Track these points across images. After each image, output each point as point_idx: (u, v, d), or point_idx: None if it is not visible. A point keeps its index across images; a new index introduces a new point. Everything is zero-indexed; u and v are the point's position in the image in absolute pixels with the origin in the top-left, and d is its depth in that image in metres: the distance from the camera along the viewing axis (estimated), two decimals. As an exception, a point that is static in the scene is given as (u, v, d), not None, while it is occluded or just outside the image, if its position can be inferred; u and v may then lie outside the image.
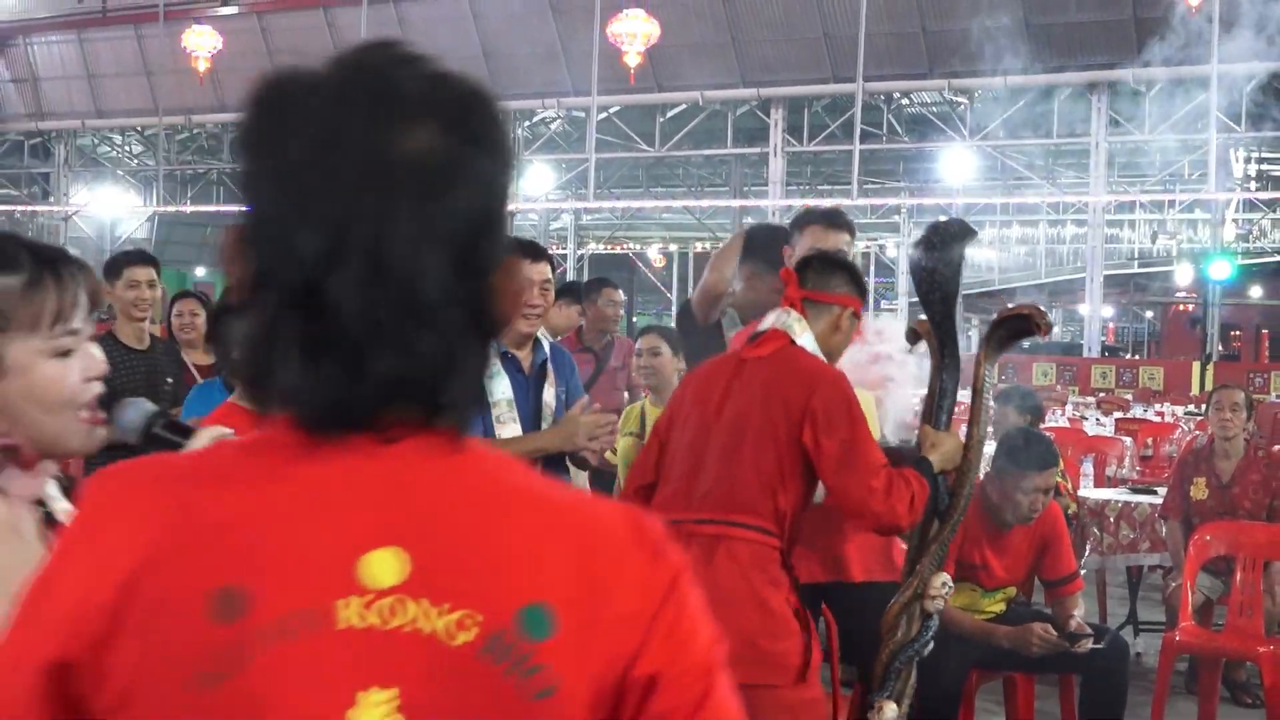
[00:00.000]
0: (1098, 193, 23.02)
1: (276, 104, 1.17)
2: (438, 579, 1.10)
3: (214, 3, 27.77)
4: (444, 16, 25.88)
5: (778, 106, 24.33)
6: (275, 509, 1.11)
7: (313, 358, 1.10)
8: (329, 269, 1.09)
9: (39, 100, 31.45)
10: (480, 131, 1.15)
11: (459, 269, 1.13)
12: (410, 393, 1.12)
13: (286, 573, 1.09)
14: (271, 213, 1.13)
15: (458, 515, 1.14)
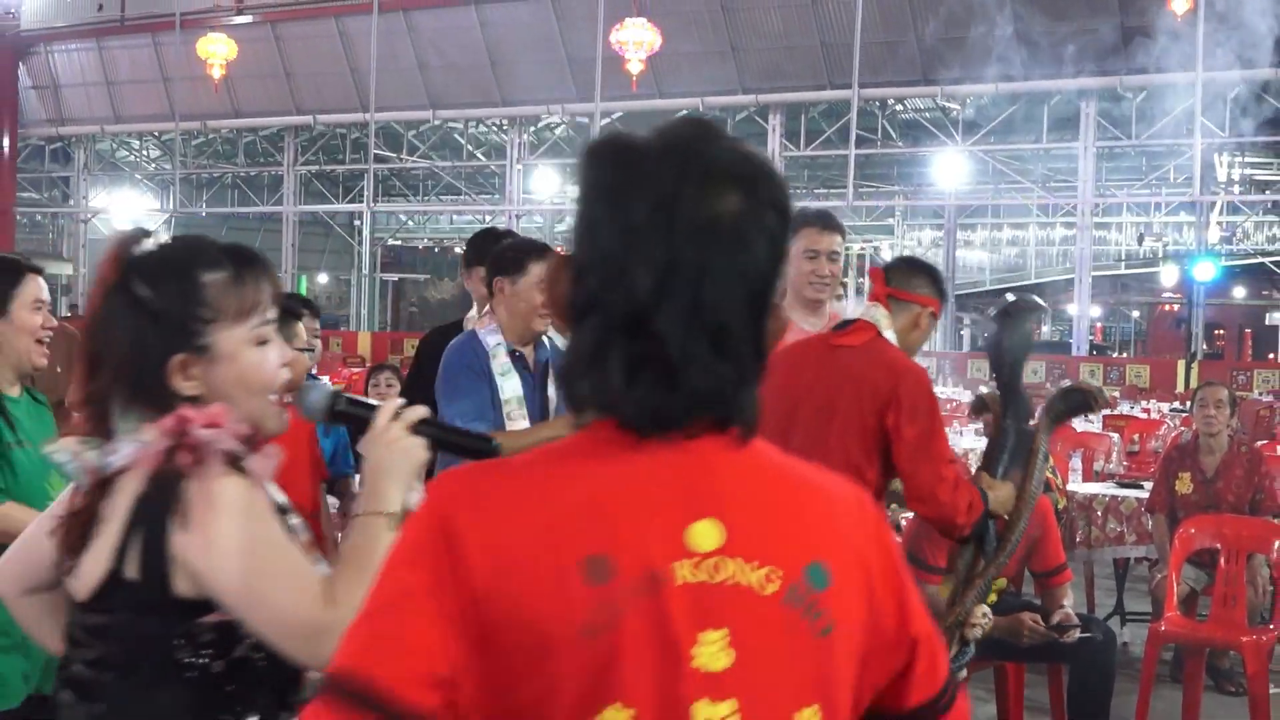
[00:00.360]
0: (1086, 196, 23.01)
1: (621, 166, 1.42)
2: (747, 543, 1.39)
3: (228, 12, 27.76)
4: (452, 26, 25.87)
5: (776, 112, 24.33)
6: (617, 492, 1.39)
7: (635, 373, 1.37)
8: (657, 303, 1.36)
9: (60, 106, 31.45)
10: (770, 198, 1.41)
11: (751, 308, 1.40)
12: (712, 403, 1.40)
13: (635, 542, 1.36)
14: (611, 253, 1.38)
15: (753, 493, 1.43)
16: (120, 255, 2.04)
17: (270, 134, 30.82)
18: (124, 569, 1.91)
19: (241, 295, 2.04)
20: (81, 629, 1.97)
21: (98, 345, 2.02)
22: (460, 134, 29.49)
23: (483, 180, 32.85)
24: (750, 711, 1.37)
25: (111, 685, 1.94)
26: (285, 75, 28.12)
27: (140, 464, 1.93)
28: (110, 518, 1.93)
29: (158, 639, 1.91)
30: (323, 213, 32.27)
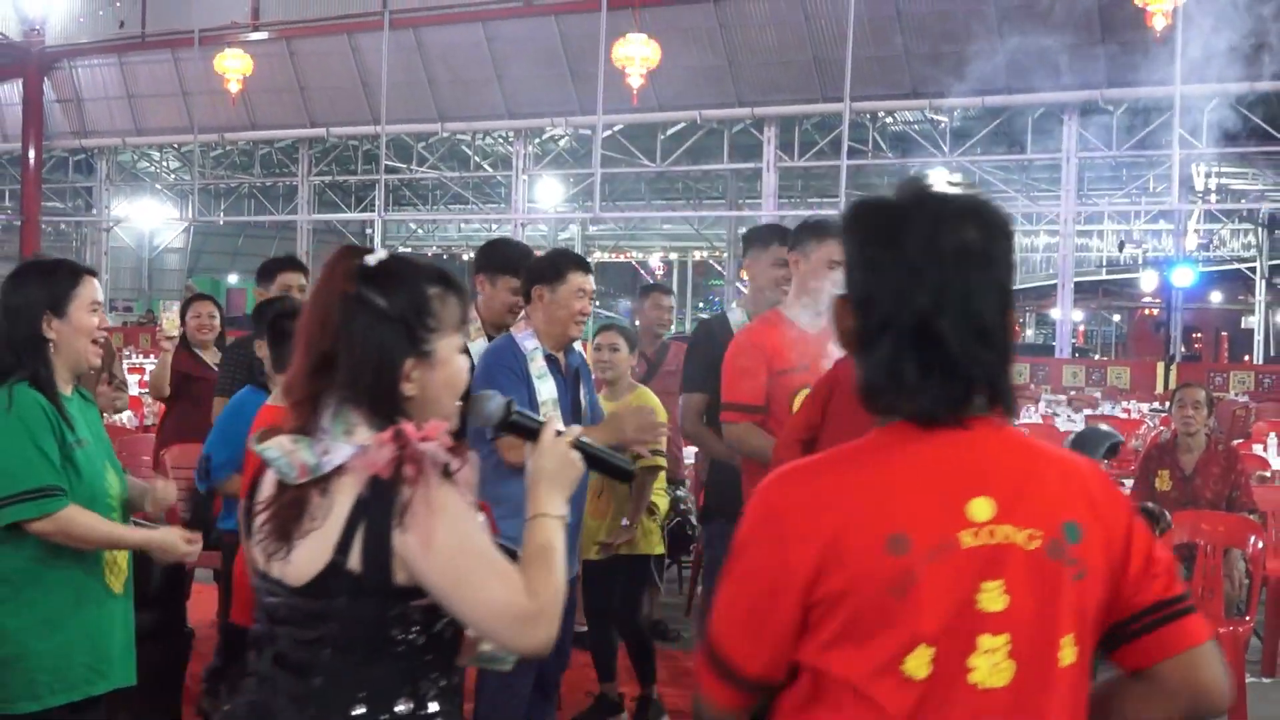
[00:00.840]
0: (1068, 205, 23.00)
1: (887, 217, 1.84)
2: (1013, 511, 1.77)
3: (245, 28, 27.77)
4: (460, 42, 25.88)
5: (770, 125, 24.33)
6: (910, 480, 1.78)
7: (926, 372, 1.77)
8: (936, 316, 1.76)
9: (83, 119, 31.47)
10: (1000, 228, 1.83)
11: (1001, 309, 1.81)
12: (981, 391, 1.80)
13: (926, 520, 1.75)
14: (895, 283, 1.79)
15: (1015, 468, 1.81)
16: (351, 267, 2.19)
17: (285, 146, 30.83)
18: (346, 561, 2.08)
19: (454, 307, 2.24)
20: (295, 611, 2.13)
21: (334, 346, 2.15)
22: (468, 145, 29.50)
23: (489, 190, 32.87)
24: (1020, 641, 1.76)
25: (328, 661, 2.12)
26: (299, 89, 28.13)
27: (360, 468, 2.09)
28: (325, 514, 2.11)
29: (375, 621, 2.11)
30: (336, 221, 32.28)
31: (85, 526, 3.32)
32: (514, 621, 2.07)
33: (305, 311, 2.23)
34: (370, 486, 2.08)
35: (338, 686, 2.13)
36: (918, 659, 1.74)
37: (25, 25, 30.19)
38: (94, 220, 33.95)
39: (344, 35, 27.06)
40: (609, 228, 32.84)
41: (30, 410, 3.32)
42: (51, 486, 3.28)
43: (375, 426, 2.13)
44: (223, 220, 34.12)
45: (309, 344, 2.17)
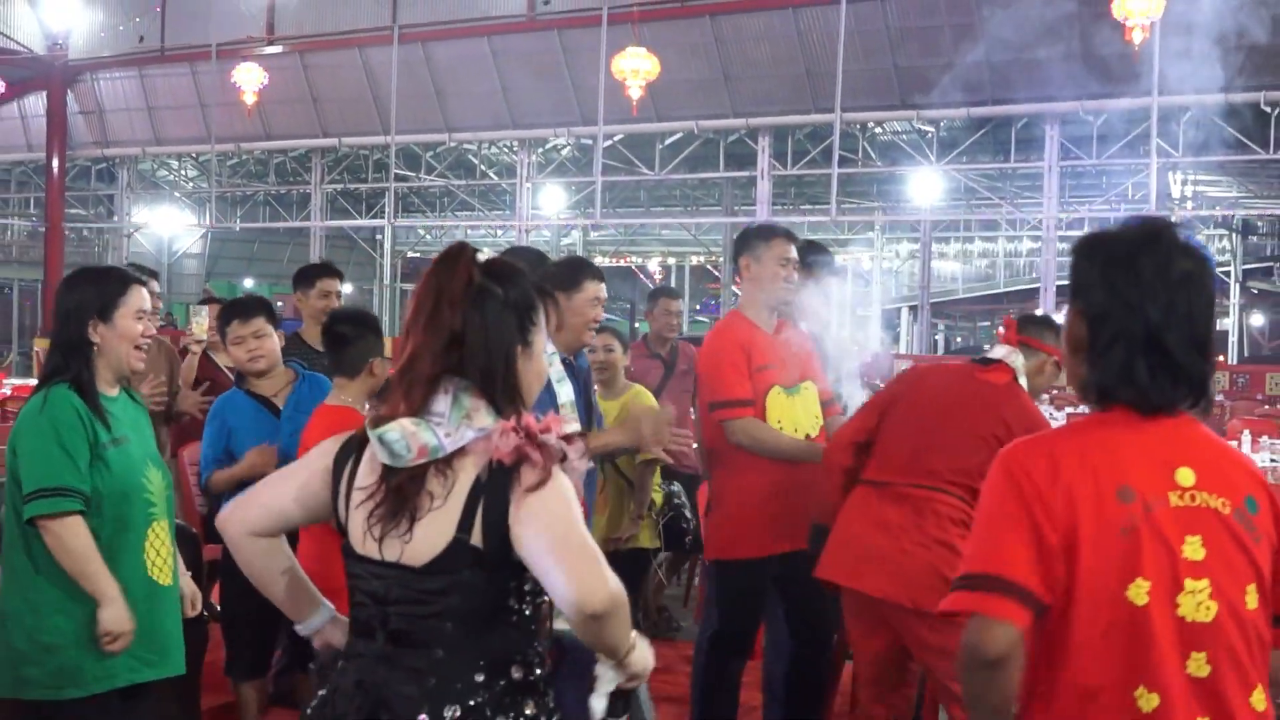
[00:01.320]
0: (1050, 211, 23.01)
1: (1122, 246, 2.26)
2: (1209, 482, 2.23)
3: (260, 43, 27.77)
4: (466, 55, 25.88)
5: (764, 135, 24.33)
6: (1132, 448, 2.23)
7: (1154, 374, 2.22)
8: (1164, 330, 2.20)
9: (104, 130, 31.46)
10: (1207, 261, 2.27)
11: (1209, 326, 2.27)
12: (1198, 389, 2.27)
13: (1144, 479, 2.20)
14: (1130, 300, 2.21)
15: (1209, 450, 2.29)
16: (471, 258, 2.31)
17: (299, 155, 30.83)
18: (470, 537, 2.17)
19: (548, 307, 2.43)
20: (413, 589, 2.19)
21: (464, 328, 2.24)
22: (474, 155, 29.51)
23: (494, 197, 32.87)
24: (1217, 586, 2.19)
25: (450, 633, 2.20)
26: (312, 101, 28.13)
27: (482, 451, 2.19)
28: (446, 494, 2.20)
29: (496, 592, 2.21)
30: (347, 228, 32.28)
31: (75, 547, 3.29)
32: (593, 597, 2.12)
33: (426, 296, 2.28)
34: (491, 470, 2.18)
35: (460, 656, 2.19)
36: (1137, 588, 2.17)
37: (49, 40, 30.19)
38: (115, 227, 33.93)
39: (355, 49, 27.05)
40: (610, 233, 32.85)
41: (62, 412, 3.34)
42: (68, 487, 3.29)
43: (493, 412, 2.23)
44: (239, 226, 34.11)
45: (437, 325, 2.24)
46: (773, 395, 4.78)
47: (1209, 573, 2.18)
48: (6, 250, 36.85)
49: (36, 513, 3.27)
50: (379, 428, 2.21)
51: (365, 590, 2.27)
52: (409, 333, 2.30)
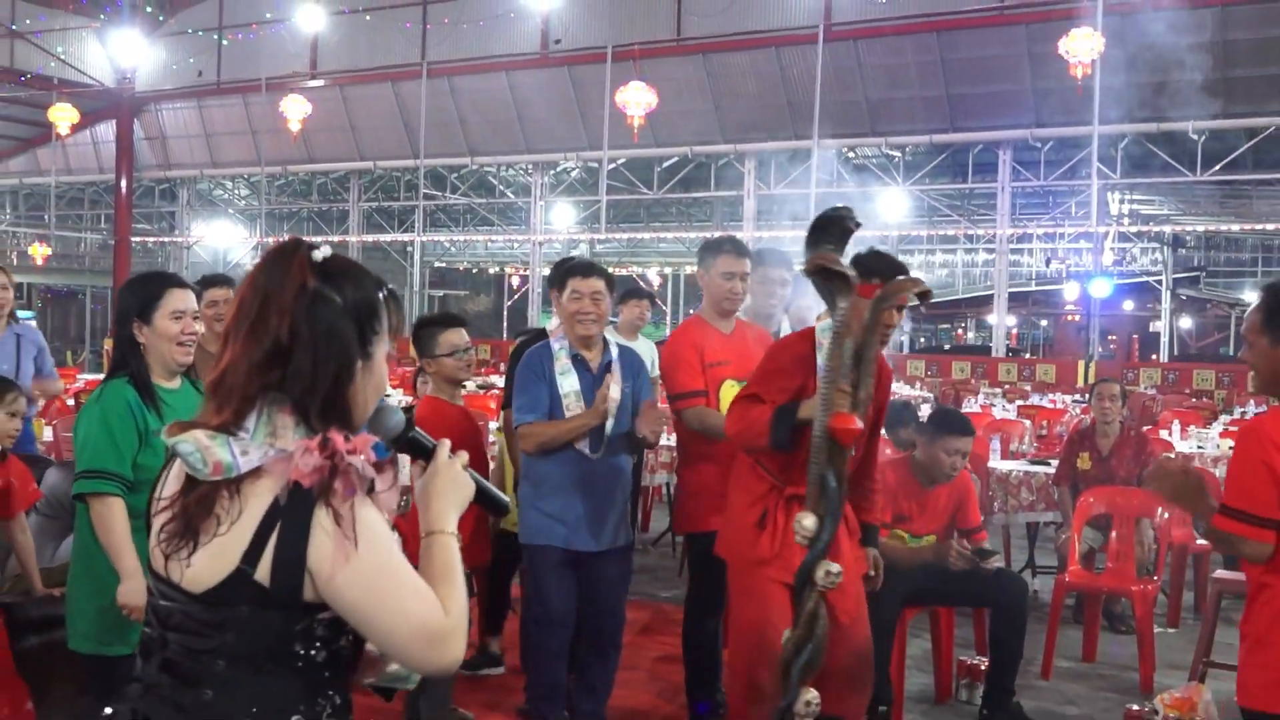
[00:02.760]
0: (1003, 226, 23.02)
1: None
2: None
3: (305, 77, 27.75)
4: (486, 88, 25.88)
5: (750, 158, 24.34)
6: None
7: None
8: None
9: (167, 154, 31.47)
10: None
11: None
12: None
13: None
14: None
15: None
16: (305, 259, 1.82)
17: (338, 176, 30.82)
18: (254, 571, 1.70)
19: (395, 312, 1.88)
20: (190, 618, 1.75)
21: (292, 340, 1.75)
22: (493, 176, 29.50)
23: (512, 214, 32.85)
24: None
25: (221, 673, 1.74)
26: (351, 128, 28.12)
27: (279, 473, 1.71)
28: (234, 519, 1.71)
29: (277, 634, 1.73)
30: (382, 241, 32.27)
31: (108, 523, 3.29)
32: (430, 640, 1.73)
33: (251, 299, 1.78)
34: (288, 494, 1.69)
35: (229, 699, 1.73)
36: None
37: (118, 74, 30.19)
38: (176, 240, 33.94)
39: (388, 83, 27.05)
40: (613, 246, 32.81)
41: (114, 402, 3.35)
42: (110, 471, 3.29)
43: (304, 431, 1.75)
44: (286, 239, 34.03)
45: (260, 333, 1.76)
46: (725, 387, 4.77)
47: None
48: (80, 260, 36.83)
49: (81, 490, 3.31)
50: (175, 437, 1.75)
51: (152, 608, 1.83)
52: (227, 337, 1.81)
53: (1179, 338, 33.05)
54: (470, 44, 25.64)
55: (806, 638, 3.41)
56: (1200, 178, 21.22)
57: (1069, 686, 5.97)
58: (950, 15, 20.99)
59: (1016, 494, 7.65)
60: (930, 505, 5.49)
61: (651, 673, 5.86)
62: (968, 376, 21.88)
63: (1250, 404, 15.56)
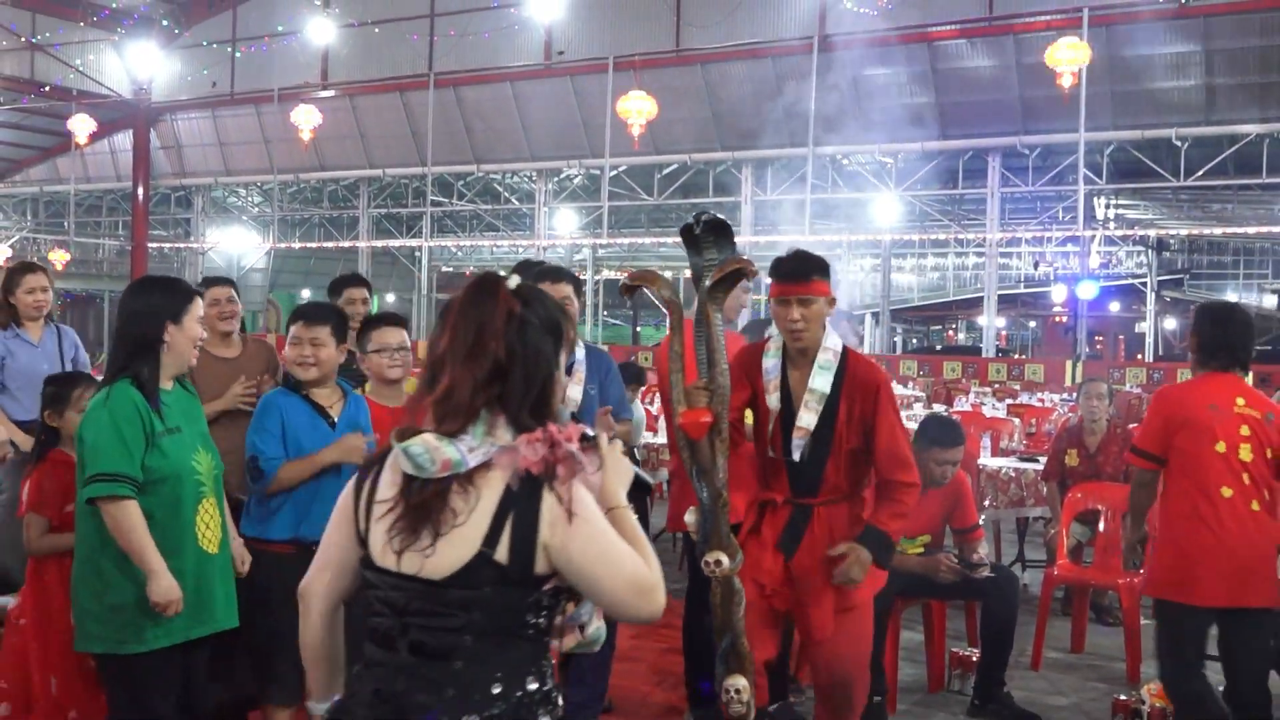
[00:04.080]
0: (992, 231, 23.01)
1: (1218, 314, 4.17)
2: (1253, 404, 4.21)
3: (316, 87, 27.76)
4: (491, 98, 25.89)
5: (747, 165, 24.33)
6: (1216, 386, 4.28)
7: (1225, 353, 4.25)
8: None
9: (182, 162, 31.48)
10: None
11: (1247, 336, 4.31)
12: (1244, 364, 4.26)
13: (1222, 400, 4.24)
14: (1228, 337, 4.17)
15: (1249, 390, 4.28)
16: (506, 288, 2.03)
17: (348, 183, 30.82)
18: (494, 552, 1.91)
19: (571, 327, 2.14)
20: (433, 601, 1.94)
21: (508, 358, 1.98)
22: (499, 183, 29.50)
23: (516, 220, 32.87)
24: (1256, 450, 4.18)
25: (470, 646, 1.94)
26: (360, 137, 28.13)
27: (508, 464, 1.94)
28: (470, 509, 1.93)
29: (515, 607, 1.95)
30: (390, 246, 32.27)
31: (126, 526, 3.26)
32: (641, 592, 1.95)
33: (465, 329, 2.00)
34: (521, 482, 1.93)
35: (478, 669, 1.95)
36: (1220, 445, 4.12)
37: (135, 86, 30.20)
38: (192, 246, 33.94)
39: (397, 93, 27.06)
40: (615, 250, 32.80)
41: (123, 406, 3.30)
42: (123, 474, 3.25)
43: (517, 428, 1.98)
44: (298, 245, 34.08)
45: (479, 356, 1.98)
46: None
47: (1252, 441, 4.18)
48: (99, 266, 36.85)
49: (95, 495, 3.25)
50: (403, 441, 1.96)
51: (383, 600, 2.01)
52: (443, 362, 2.00)
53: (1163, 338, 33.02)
54: (476, 55, 25.65)
55: (724, 627, 3.42)
56: (1183, 183, 21.20)
57: (1058, 677, 5.97)
58: (941, 27, 21.00)
59: (1006, 490, 7.64)
60: (923, 507, 5.48)
61: (653, 665, 5.86)
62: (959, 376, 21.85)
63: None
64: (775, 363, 3.82)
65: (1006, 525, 8.48)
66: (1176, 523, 4.23)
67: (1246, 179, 21.46)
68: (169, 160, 31.55)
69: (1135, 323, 35.61)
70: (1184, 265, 31.82)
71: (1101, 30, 19.30)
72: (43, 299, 5.61)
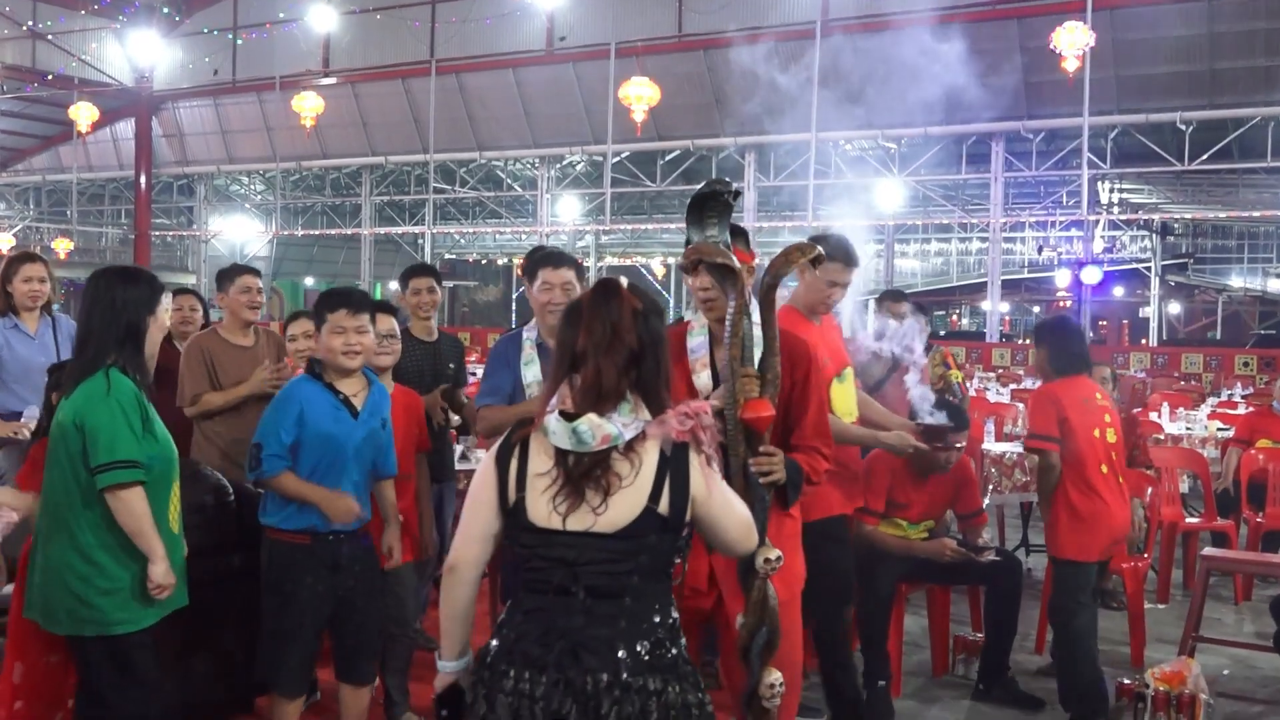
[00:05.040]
0: (996, 216, 22.97)
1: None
2: (1105, 397, 5.25)
3: (317, 75, 27.73)
4: (493, 85, 25.85)
5: (750, 151, 24.29)
6: (1081, 387, 5.10)
7: (1075, 363, 5.14)
8: None
9: (184, 150, 31.47)
10: None
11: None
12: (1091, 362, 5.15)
13: (1089, 396, 5.12)
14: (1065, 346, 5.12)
15: (1097, 391, 5.19)
16: (625, 291, 2.42)
17: (351, 171, 30.82)
18: (658, 506, 2.32)
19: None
20: (605, 551, 2.31)
21: (640, 349, 2.37)
22: (501, 170, 29.47)
23: (519, 207, 32.84)
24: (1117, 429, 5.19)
25: (637, 585, 2.33)
26: (362, 124, 28.10)
27: (660, 435, 2.33)
28: (635, 473, 2.32)
29: (670, 549, 2.37)
30: (393, 234, 32.27)
31: (140, 511, 3.32)
32: (750, 531, 2.49)
33: (599, 326, 2.37)
34: (675, 449, 2.34)
35: (643, 603, 2.33)
36: (1095, 431, 4.97)
37: (137, 74, 30.19)
38: (194, 234, 33.95)
39: (399, 80, 27.02)
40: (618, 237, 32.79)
41: (124, 393, 3.33)
42: (135, 460, 3.30)
43: (651, 405, 2.36)
44: (300, 233, 34.09)
45: (617, 350, 2.35)
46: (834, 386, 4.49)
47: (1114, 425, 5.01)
48: (101, 254, 36.84)
49: (112, 481, 3.26)
50: (573, 422, 2.31)
51: (549, 556, 2.33)
52: (582, 357, 2.37)
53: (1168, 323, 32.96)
54: (478, 42, 25.61)
55: (759, 622, 3.28)
56: (1188, 167, 21.15)
57: (1062, 661, 5.96)
58: (943, 11, 20.92)
59: (1010, 475, 7.64)
60: (927, 492, 5.48)
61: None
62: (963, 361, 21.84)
63: (1237, 386, 15.53)
64: (702, 340, 3.58)
65: (1011, 510, 8.49)
66: (1072, 496, 5.03)
67: (1251, 163, 21.41)
68: (171, 148, 31.54)
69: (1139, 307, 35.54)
70: (1188, 250, 31.75)
71: (1106, 14, 19.24)
72: (39, 289, 5.53)
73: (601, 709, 2.25)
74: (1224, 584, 7.45)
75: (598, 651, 2.28)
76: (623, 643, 2.29)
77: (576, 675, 2.27)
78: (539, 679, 2.28)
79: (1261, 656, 5.94)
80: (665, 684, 2.31)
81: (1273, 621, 5.62)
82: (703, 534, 2.46)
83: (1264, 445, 7.80)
